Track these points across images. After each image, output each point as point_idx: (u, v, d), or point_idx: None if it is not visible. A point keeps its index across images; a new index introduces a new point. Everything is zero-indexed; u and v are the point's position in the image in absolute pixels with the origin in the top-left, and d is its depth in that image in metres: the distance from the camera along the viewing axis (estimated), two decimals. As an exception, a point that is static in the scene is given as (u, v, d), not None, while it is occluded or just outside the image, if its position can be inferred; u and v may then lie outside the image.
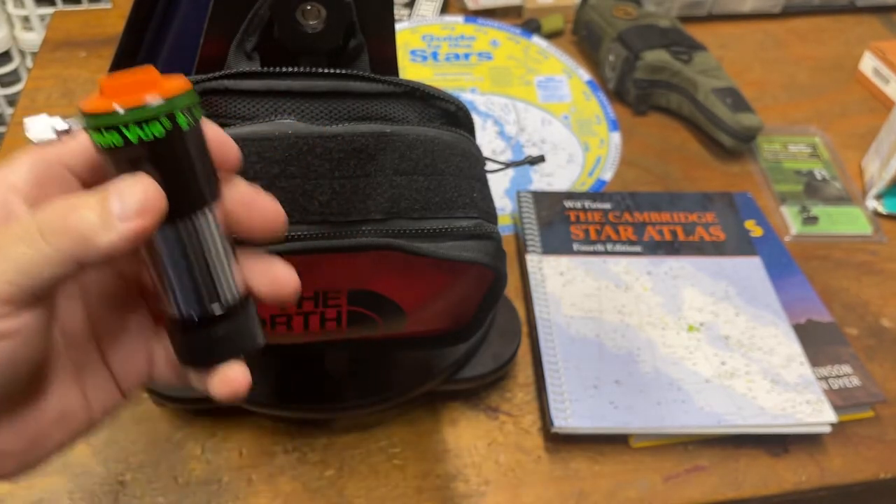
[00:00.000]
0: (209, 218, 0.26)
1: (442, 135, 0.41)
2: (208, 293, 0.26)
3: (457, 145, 0.41)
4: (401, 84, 0.41)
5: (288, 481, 0.54)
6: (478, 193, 0.41)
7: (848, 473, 0.56)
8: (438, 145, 0.40)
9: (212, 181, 0.26)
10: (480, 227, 0.40)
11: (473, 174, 0.42)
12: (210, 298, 0.26)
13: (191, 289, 0.26)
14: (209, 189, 0.26)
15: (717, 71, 0.85)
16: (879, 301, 0.69)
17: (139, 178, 0.24)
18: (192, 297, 0.26)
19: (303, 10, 0.40)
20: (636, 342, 0.61)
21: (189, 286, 0.26)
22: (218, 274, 0.26)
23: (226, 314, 0.27)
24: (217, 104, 0.39)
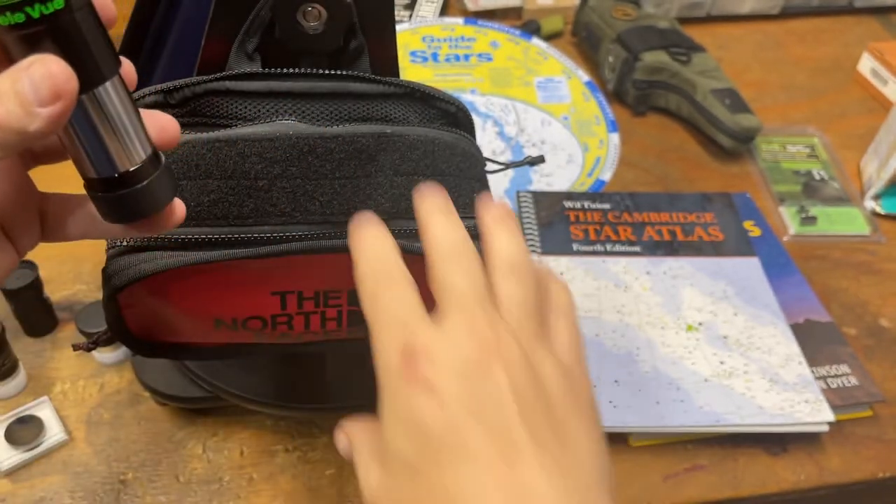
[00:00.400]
0: (116, 85, 0.27)
1: (442, 135, 0.41)
2: (124, 154, 0.28)
3: (457, 146, 0.42)
4: (401, 85, 0.41)
5: (289, 480, 0.54)
6: (478, 193, 0.41)
7: (846, 473, 0.56)
8: (439, 146, 0.41)
9: (111, 49, 0.27)
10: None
11: (474, 174, 0.42)
12: (125, 159, 0.28)
13: (106, 153, 0.28)
14: (111, 58, 0.27)
15: (715, 72, 0.86)
16: (878, 301, 0.69)
17: (46, 61, 0.25)
18: (108, 161, 0.28)
19: (304, 11, 0.40)
20: (635, 342, 0.61)
21: (104, 151, 0.28)
22: (130, 135, 0.28)
23: (141, 170, 0.29)
24: (218, 105, 0.40)
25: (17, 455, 0.53)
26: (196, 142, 0.38)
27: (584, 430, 0.30)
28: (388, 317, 0.30)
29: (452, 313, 0.30)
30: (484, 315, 0.30)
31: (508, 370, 0.28)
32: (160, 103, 0.39)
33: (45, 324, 0.62)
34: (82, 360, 0.60)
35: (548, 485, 0.27)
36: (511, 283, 0.31)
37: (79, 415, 0.57)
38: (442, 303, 0.30)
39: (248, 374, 0.53)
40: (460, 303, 0.30)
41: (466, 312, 0.30)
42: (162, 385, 0.55)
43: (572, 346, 0.32)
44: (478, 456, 0.27)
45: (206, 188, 0.38)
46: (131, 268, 0.38)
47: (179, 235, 0.38)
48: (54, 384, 0.59)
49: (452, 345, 0.29)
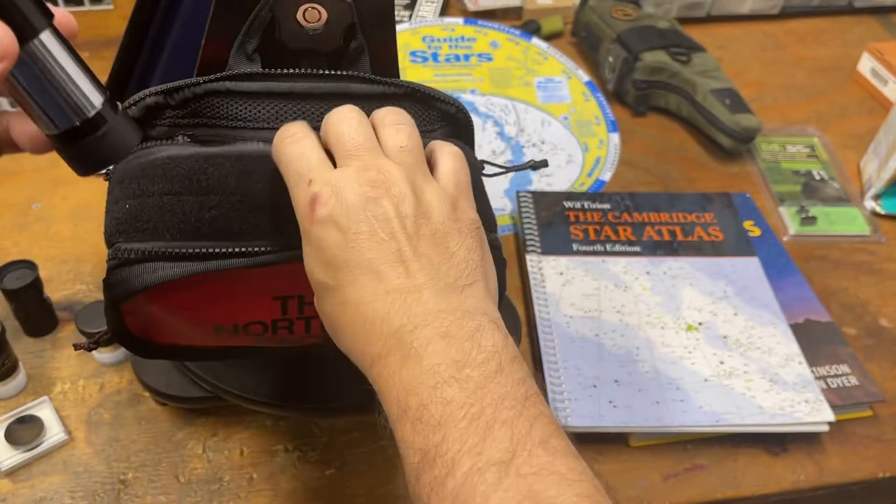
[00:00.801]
0: (51, 37, 0.28)
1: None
2: (76, 103, 0.29)
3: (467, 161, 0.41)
4: (401, 85, 0.41)
5: (289, 480, 0.54)
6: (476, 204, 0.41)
7: (846, 472, 0.56)
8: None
9: (40, 3, 0.28)
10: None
11: (477, 186, 0.42)
12: (79, 107, 0.29)
13: (58, 104, 0.29)
14: (40, 11, 0.28)
15: (715, 72, 0.86)
16: (878, 301, 0.69)
17: None
18: (62, 112, 0.29)
19: (304, 11, 0.40)
20: (635, 342, 0.61)
21: (55, 102, 0.29)
22: (77, 84, 0.29)
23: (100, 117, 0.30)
24: (219, 106, 0.40)
25: (18, 455, 0.53)
26: (198, 156, 0.38)
27: (464, 246, 0.36)
28: (294, 172, 0.36)
29: (344, 159, 0.36)
30: (370, 156, 0.36)
31: (394, 200, 0.35)
32: (161, 104, 0.39)
33: (45, 324, 0.62)
34: (82, 360, 0.60)
35: (426, 283, 0.34)
36: (393, 131, 0.37)
37: (79, 415, 0.57)
38: (336, 153, 0.36)
39: (248, 374, 0.53)
40: (349, 150, 0.36)
41: (356, 157, 0.35)
42: (162, 385, 0.55)
43: (456, 182, 0.38)
44: (371, 268, 0.34)
45: (206, 204, 0.38)
46: (132, 279, 0.38)
47: (180, 248, 0.38)
48: (54, 384, 0.59)
49: (346, 185, 0.35)
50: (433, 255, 0.35)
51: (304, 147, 0.36)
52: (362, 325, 0.34)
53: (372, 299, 0.34)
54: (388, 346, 0.33)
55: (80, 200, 0.73)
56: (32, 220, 0.71)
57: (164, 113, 0.39)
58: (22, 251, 0.68)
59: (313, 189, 0.35)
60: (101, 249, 0.40)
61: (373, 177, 0.35)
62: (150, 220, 0.38)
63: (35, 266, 0.60)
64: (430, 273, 0.34)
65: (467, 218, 0.37)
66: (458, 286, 0.34)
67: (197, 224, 0.38)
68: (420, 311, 0.33)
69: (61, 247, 0.69)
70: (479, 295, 0.35)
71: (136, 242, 0.38)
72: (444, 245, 0.35)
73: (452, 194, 0.37)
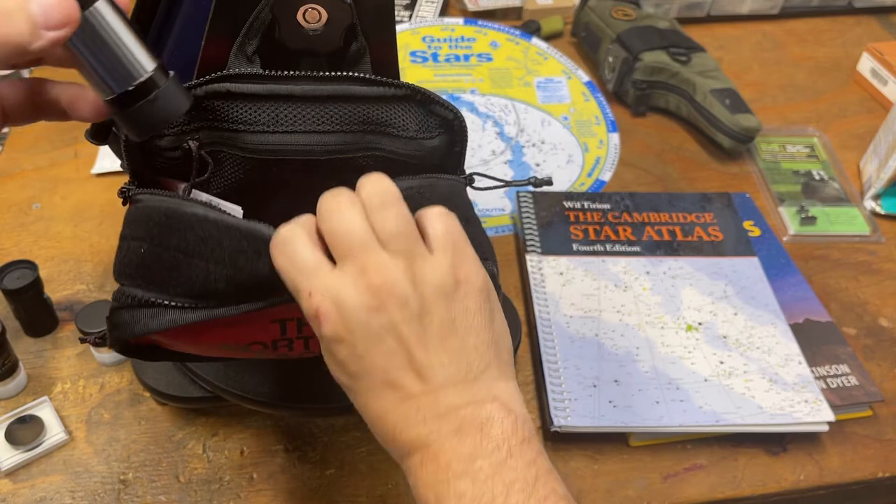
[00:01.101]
0: (107, 4, 0.31)
1: (438, 184, 0.41)
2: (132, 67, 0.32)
3: (452, 191, 0.41)
4: (402, 86, 0.41)
5: (289, 480, 0.54)
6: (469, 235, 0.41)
7: (846, 472, 0.56)
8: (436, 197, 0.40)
9: None
10: None
11: (465, 216, 0.42)
12: (134, 71, 0.32)
13: (114, 68, 0.31)
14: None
15: (715, 72, 0.86)
16: (877, 301, 0.69)
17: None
18: (118, 75, 0.31)
19: (304, 11, 0.40)
20: (635, 342, 0.61)
21: (112, 66, 0.31)
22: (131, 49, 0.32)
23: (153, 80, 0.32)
24: (219, 109, 0.40)
25: (18, 455, 0.53)
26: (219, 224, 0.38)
27: (474, 326, 0.36)
28: (293, 283, 0.36)
29: (341, 260, 0.35)
30: (366, 254, 0.35)
31: (397, 303, 0.35)
32: None
33: (46, 324, 0.62)
34: (82, 360, 0.60)
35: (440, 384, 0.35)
36: (382, 214, 0.36)
37: (79, 415, 0.57)
38: (332, 251, 0.36)
39: (248, 374, 0.53)
40: (343, 250, 0.35)
41: (351, 258, 0.35)
42: (162, 385, 0.55)
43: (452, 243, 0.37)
44: (385, 378, 0.35)
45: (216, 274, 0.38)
46: (135, 323, 0.39)
47: (184, 303, 0.38)
48: (55, 384, 0.59)
49: (347, 296, 0.34)
50: (443, 350, 0.35)
51: (297, 250, 0.36)
52: (385, 429, 0.36)
53: (390, 408, 0.35)
54: (410, 448, 0.35)
55: (80, 200, 0.73)
56: (33, 221, 0.71)
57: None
58: (22, 251, 0.68)
59: (314, 303, 0.35)
60: (101, 249, 0.40)
61: (372, 281, 0.34)
62: (160, 273, 0.39)
63: (35, 266, 0.60)
64: (442, 373, 0.35)
65: (471, 283, 0.37)
66: (471, 377, 0.36)
67: (203, 289, 0.38)
68: (434, 416, 0.35)
69: (61, 247, 0.69)
70: (492, 377, 0.36)
71: (142, 290, 0.39)
72: (453, 332, 0.36)
73: (452, 262, 0.36)
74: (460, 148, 0.43)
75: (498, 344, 0.37)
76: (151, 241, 0.39)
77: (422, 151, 0.42)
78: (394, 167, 0.42)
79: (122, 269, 0.40)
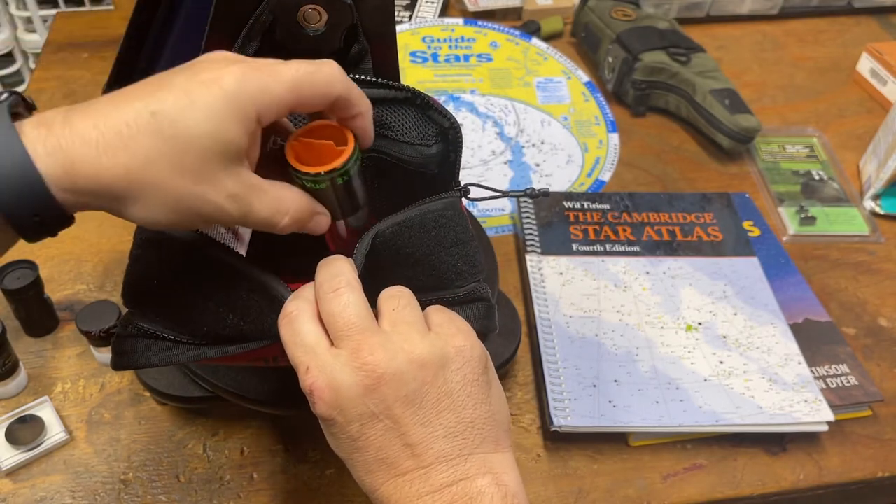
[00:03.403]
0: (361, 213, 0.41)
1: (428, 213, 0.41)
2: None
3: (442, 215, 0.42)
4: (403, 89, 0.41)
5: (289, 480, 0.54)
6: (461, 261, 0.42)
7: (846, 472, 0.56)
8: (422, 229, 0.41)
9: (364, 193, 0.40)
10: (472, 292, 0.42)
11: (456, 238, 0.42)
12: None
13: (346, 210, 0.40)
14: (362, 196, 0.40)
15: (715, 72, 0.86)
16: (877, 300, 0.69)
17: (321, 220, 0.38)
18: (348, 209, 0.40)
19: (304, 12, 0.40)
20: (635, 342, 0.61)
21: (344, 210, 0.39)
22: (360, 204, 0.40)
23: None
24: None
25: (18, 455, 0.53)
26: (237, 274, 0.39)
27: (471, 399, 0.36)
28: (293, 356, 0.36)
29: (337, 340, 0.36)
30: (363, 336, 0.35)
31: (392, 382, 0.35)
32: None
33: (46, 324, 0.62)
34: (83, 360, 0.60)
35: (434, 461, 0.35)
36: (387, 297, 0.38)
37: (79, 414, 0.57)
38: (331, 332, 0.36)
39: (248, 374, 0.53)
40: (342, 335, 0.35)
41: (348, 338, 0.35)
42: (162, 385, 0.55)
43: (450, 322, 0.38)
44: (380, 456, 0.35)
45: (225, 321, 0.39)
46: (139, 354, 0.40)
47: (189, 340, 0.40)
48: (55, 384, 0.59)
49: (341, 375, 0.35)
50: (439, 425, 0.36)
51: (299, 327, 0.36)
52: (379, 501, 0.36)
53: (383, 483, 0.35)
54: None
55: (80, 201, 0.73)
56: (33, 221, 0.71)
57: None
58: (22, 251, 0.68)
59: (309, 379, 0.35)
60: (102, 249, 0.40)
61: (366, 360, 0.35)
62: (169, 307, 0.40)
63: (35, 266, 0.60)
64: (437, 449, 0.35)
65: (467, 353, 0.37)
66: (465, 452, 0.36)
67: (211, 332, 0.39)
68: (427, 492, 0.35)
69: (62, 247, 0.69)
70: (486, 452, 0.36)
71: (149, 322, 0.40)
72: (450, 406, 0.36)
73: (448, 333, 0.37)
74: (454, 157, 0.43)
75: (495, 416, 0.37)
76: (168, 275, 0.39)
77: (419, 158, 0.42)
78: (393, 171, 0.42)
79: (133, 295, 0.40)
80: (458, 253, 0.42)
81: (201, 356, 0.40)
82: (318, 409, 0.35)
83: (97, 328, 0.56)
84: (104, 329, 0.56)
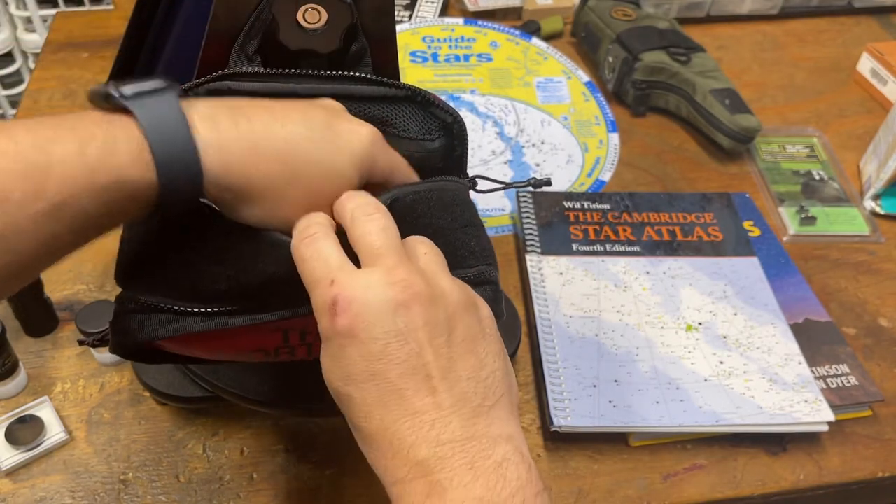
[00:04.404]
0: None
1: (445, 190, 0.41)
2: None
3: (457, 195, 0.42)
4: (403, 87, 0.41)
5: (289, 480, 0.54)
6: (474, 241, 0.42)
7: (846, 472, 0.56)
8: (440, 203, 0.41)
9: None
10: (481, 274, 0.41)
11: (469, 220, 0.42)
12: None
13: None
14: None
15: (715, 72, 0.86)
16: (877, 301, 0.69)
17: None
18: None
19: (304, 12, 0.40)
20: (635, 342, 0.61)
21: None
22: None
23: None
24: None
25: (18, 455, 0.53)
26: (221, 226, 0.38)
27: (490, 353, 0.35)
28: (315, 273, 0.34)
29: (371, 259, 0.34)
30: (398, 258, 0.34)
31: (424, 304, 0.33)
32: None
33: (46, 324, 0.62)
34: (82, 360, 0.60)
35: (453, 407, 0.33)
36: (417, 241, 0.37)
37: (79, 414, 0.57)
38: (363, 257, 0.34)
39: (248, 374, 0.53)
40: (377, 253, 0.34)
41: (384, 260, 0.34)
42: (162, 385, 0.55)
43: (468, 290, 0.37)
44: (397, 386, 0.32)
45: (221, 275, 0.38)
46: (137, 331, 0.39)
47: (188, 307, 0.39)
48: (55, 384, 0.59)
49: (372, 292, 0.33)
50: (461, 369, 0.34)
51: (324, 247, 0.35)
52: (388, 446, 0.33)
53: (398, 420, 0.32)
54: (413, 473, 0.32)
55: (80, 200, 0.73)
56: (33, 221, 0.71)
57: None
58: (22, 251, 0.68)
59: (334, 291, 0.33)
60: (102, 250, 0.40)
61: (403, 276, 0.33)
62: (163, 275, 0.39)
63: (35, 266, 0.60)
64: (457, 394, 0.33)
65: (486, 316, 0.36)
66: (485, 407, 0.34)
67: (208, 292, 0.39)
68: (447, 440, 0.32)
69: (61, 247, 0.69)
70: (504, 415, 0.34)
71: (146, 294, 0.39)
72: (473, 353, 0.34)
73: (471, 293, 0.36)
74: (461, 151, 0.43)
75: (510, 382, 0.36)
76: (153, 244, 0.39)
77: (422, 153, 0.42)
78: None
79: (125, 272, 0.40)
80: (471, 233, 0.41)
81: (204, 327, 0.39)
82: (340, 322, 0.32)
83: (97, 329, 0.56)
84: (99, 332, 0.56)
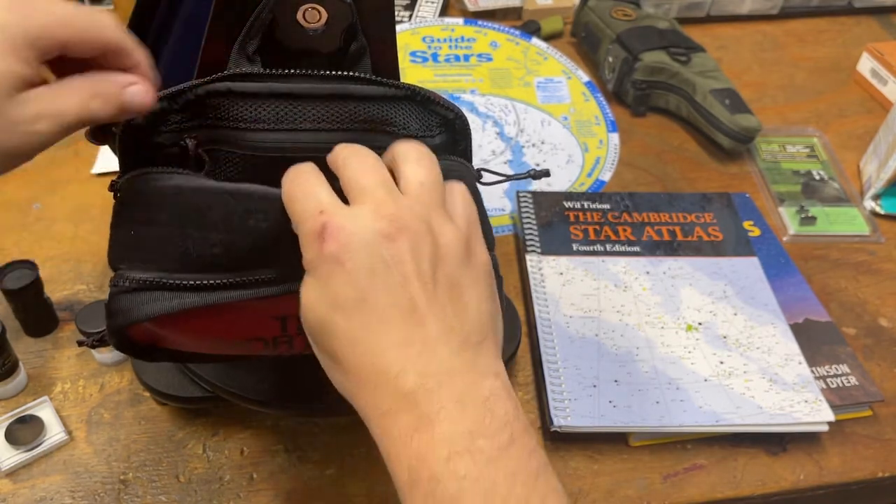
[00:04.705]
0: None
1: (450, 170, 0.40)
2: None
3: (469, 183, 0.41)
4: (402, 87, 0.41)
5: (289, 480, 0.54)
6: (483, 225, 0.41)
7: (846, 472, 0.56)
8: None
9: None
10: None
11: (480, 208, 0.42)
12: None
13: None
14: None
15: (715, 72, 0.86)
16: (877, 301, 0.69)
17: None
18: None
19: (304, 11, 0.40)
20: (635, 342, 0.61)
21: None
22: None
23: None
24: (220, 107, 0.40)
25: (18, 455, 0.53)
26: (204, 190, 0.38)
27: (477, 294, 0.35)
28: (305, 208, 0.34)
29: (360, 196, 0.34)
30: (388, 195, 0.34)
31: (410, 239, 0.33)
32: (165, 109, 0.39)
33: (46, 324, 0.62)
34: (82, 360, 0.60)
35: (440, 336, 0.32)
36: (414, 165, 0.36)
37: (79, 415, 0.57)
38: (350, 191, 0.35)
39: (248, 374, 0.53)
40: (367, 192, 0.34)
41: (372, 196, 0.34)
42: (162, 385, 0.55)
43: (468, 219, 0.37)
44: (383, 313, 0.32)
45: (210, 240, 0.38)
46: (133, 309, 0.38)
47: (182, 280, 0.38)
48: (55, 384, 0.59)
49: (360, 222, 0.33)
50: (447, 304, 0.33)
51: (315, 184, 0.35)
52: (374, 376, 0.32)
53: (384, 349, 0.32)
54: (400, 405, 0.31)
55: (80, 201, 0.73)
56: (33, 221, 0.71)
57: (169, 118, 0.39)
58: (22, 251, 0.68)
59: (323, 218, 0.33)
60: (102, 249, 0.40)
61: (390, 212, 0.33)
62: (154, 249, 0.39)
63: (35, 266, 0.60)
64: (444, 326, 0.33)
65: (480, 261, 0.36)
66: (472, 342, 0.33)
67: (200, 259, 0.38)
68: (434, 371, 0.32)
69: (61, 247, 0.69)
70: (491, 353, 0.34)
71: (139, 272, 0.39)
72: (459, 292, 0.34)
73: (465, 234, 0.36)
74: (465, 146, 0.43)
75: (496, 326, 0.36)
76: (140, 222, 0.39)
77: None
78: None
79: (116, 254, 0.40)
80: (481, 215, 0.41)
81: (198, 302, 0.38)
82: (328, 247, 0.32)
83: (96, 329, 0.56)
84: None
